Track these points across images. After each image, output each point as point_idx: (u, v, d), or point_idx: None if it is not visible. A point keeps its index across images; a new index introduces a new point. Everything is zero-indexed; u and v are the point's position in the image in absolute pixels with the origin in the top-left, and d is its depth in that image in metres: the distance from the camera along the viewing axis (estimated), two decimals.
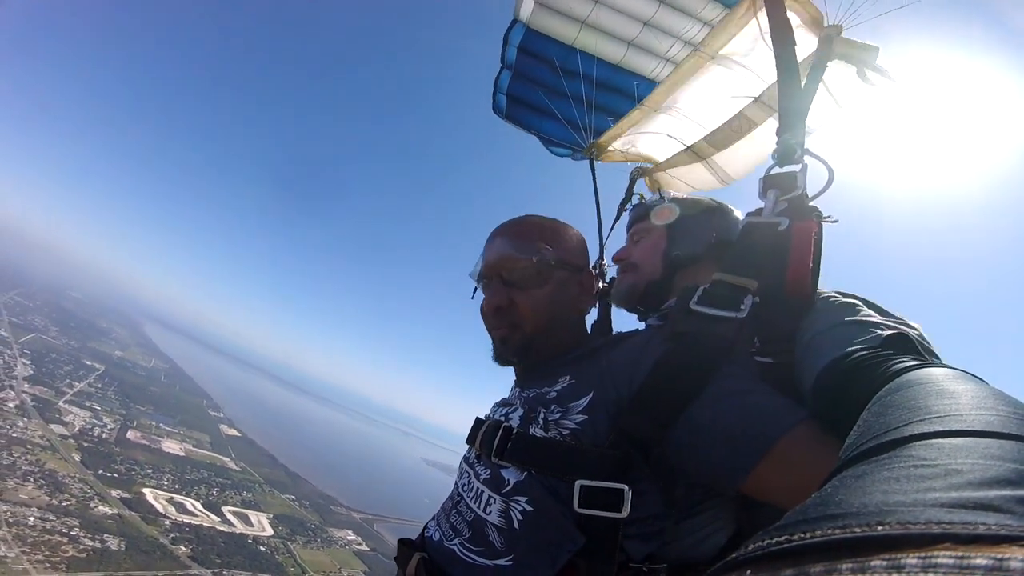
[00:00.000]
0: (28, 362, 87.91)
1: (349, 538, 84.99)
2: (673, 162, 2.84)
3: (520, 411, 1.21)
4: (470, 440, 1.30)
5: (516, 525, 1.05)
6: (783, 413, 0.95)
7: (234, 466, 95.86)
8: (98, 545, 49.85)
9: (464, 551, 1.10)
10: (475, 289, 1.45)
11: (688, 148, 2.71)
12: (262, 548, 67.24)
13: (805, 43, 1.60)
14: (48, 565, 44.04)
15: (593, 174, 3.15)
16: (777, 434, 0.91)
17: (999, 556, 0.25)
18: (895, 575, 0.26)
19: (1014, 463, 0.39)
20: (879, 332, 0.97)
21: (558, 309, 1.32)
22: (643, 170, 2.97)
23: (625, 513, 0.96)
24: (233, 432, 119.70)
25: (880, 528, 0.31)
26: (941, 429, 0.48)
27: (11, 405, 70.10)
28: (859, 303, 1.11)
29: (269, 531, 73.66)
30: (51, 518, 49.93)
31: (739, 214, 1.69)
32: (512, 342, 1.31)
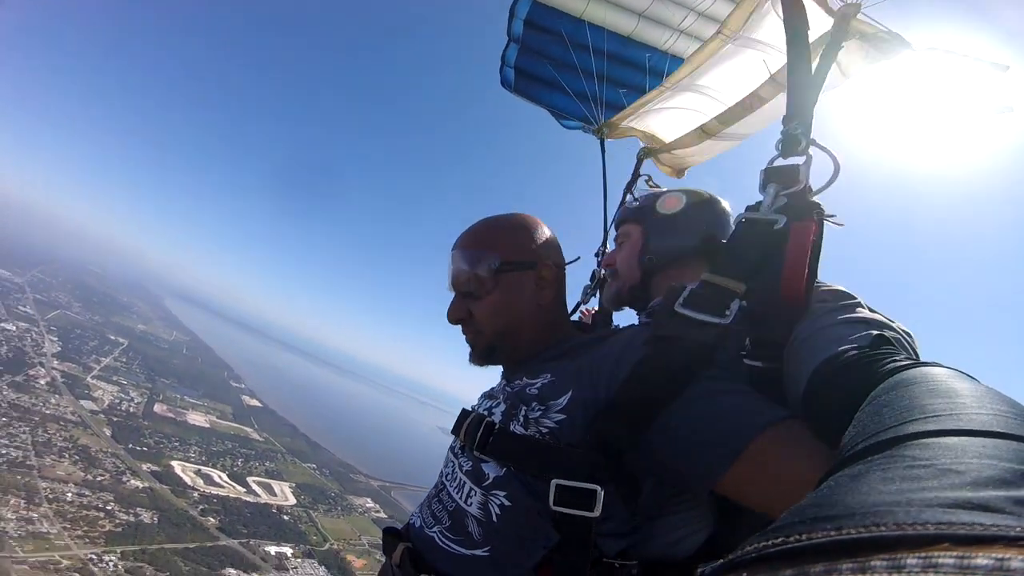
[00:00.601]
0: (55, 339, 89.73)
1: (368, 506, 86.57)
2: (682, 142, 2.78)
3: (503, 406, 1.24)
4: (455, 431, 1.32)
5: (494, 518, 1.08)
6: (759, 413, 0.94)
7: (257, 436, 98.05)
8: (132, 519, 51.86)
9: (443, 539, 1.14)
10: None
11: (698, 128, 2.64)
12: (286, 517, 68.94)
13: (821, 19, 1.53)
14: (87, 540, 46.00)
15: (603, 155, 3.08)
16: (752, 434, 0.90)
17: (999, 557, 0.25)
18: (895, 575, 0.26)
19: (1011, 463, 0.39)
20: (870, 331, 0.95)
21: (513, 310, 1.33)
22: (650, 150, 2.93)
23: (597, 512, 0.98)
24: (255, 403, 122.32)
25: (877, 529, 0.31)
26: (937, 428, 0.47)
27: (42, 382, 72.30)
28: (849, 301, 1.08)
29: (292, 500, 75.37)
30: (87, 493, 52.16)
31: (726, 205, 1.67)
32: (477, 348, 1.37)
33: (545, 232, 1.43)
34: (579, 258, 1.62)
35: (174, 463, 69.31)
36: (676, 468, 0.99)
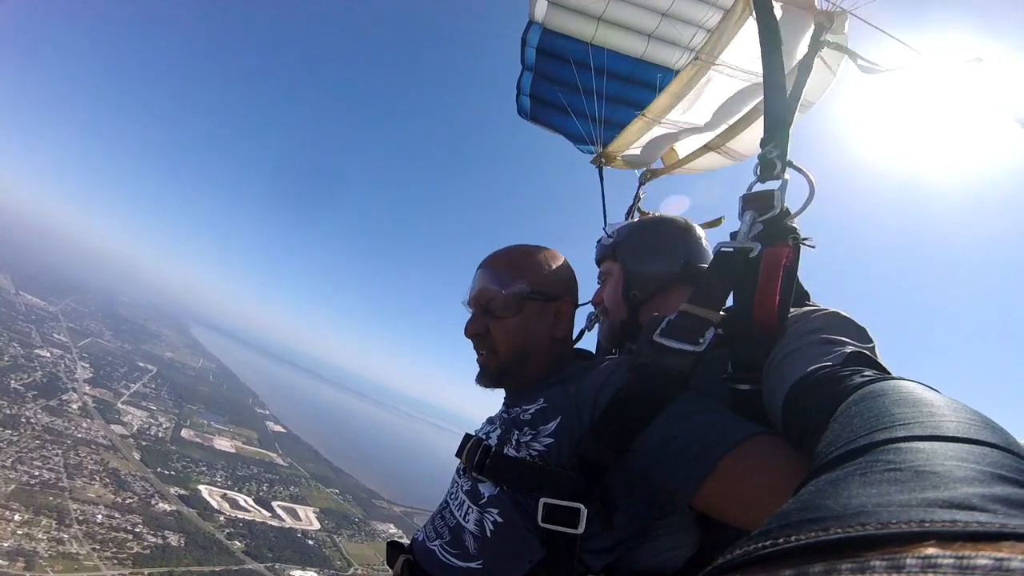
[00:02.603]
0: (87, 365, 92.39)
1: (391, 531, 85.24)
2: (683, 161, 2.81)
3: (499, 431, 1.31)
4: (458, 454, 1.39)
5: (488, 534, 1.16)
6: (732, 429, 0.98)
7: (281, 461, 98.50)
8: (160, 541, 52.11)
9: (443, 553, 1.22)
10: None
11: (703, 146, 2.66)
12: (310, 542, 69.03)
13: (803, 30, 1.57)
14: (116, 561, 46.40)
15: (601, 182, 3.09)
16: (723, 451, 0.94)
17: (999, 556, 0.26)
18: (895, 575, 0.27)
19: (980, 465, 0.41)
20: (841, 350, 0.99)
21: (530, 337, 1.39)
22: (654, 171, 2.93)
23: (581, 530, 1.06)
24: (279, 428, 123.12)
25: (863, 529, 0.32)
26: (908, 435, 0.49)
27: (75, 407, 74.10)
28: (822, 323, 1.12)
29: (316, 525, 75.41)
30: (116, 515, 52.73)
31: (701, 232, 1.69)
32: (489, 368, 1.42)
33: (570, 272, 1.52)
34: (590, 303, 1.76)
35: (201, 487, 69.95)
36: (654, 486, 1.06)
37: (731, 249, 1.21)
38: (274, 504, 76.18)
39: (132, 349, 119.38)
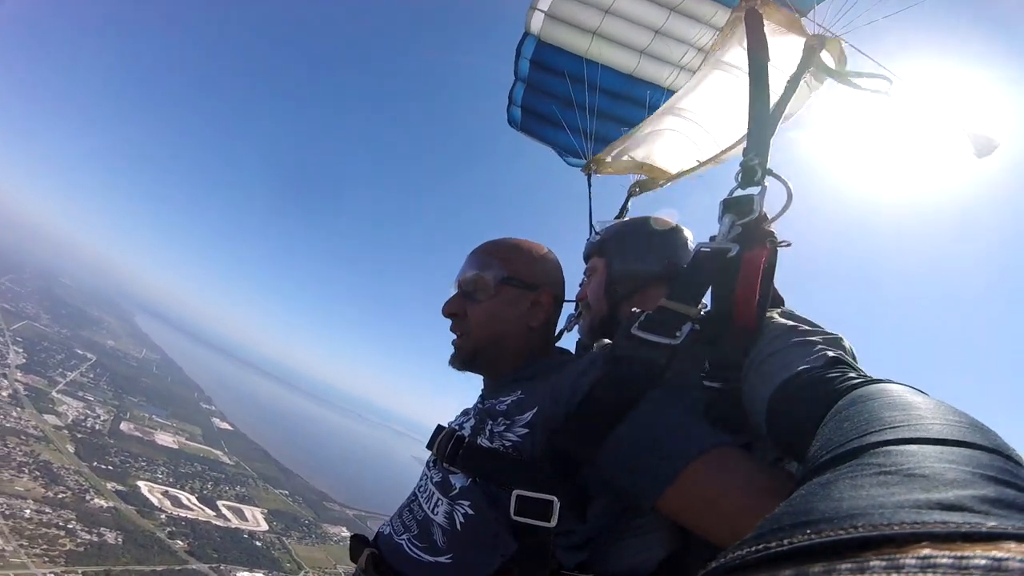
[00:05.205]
0: (20, 350, 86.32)
1: (343, 534, 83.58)
2: (673, 177, 2.83)
3: (472, 421, 1.32)
4: (430, 445, 1.38)
5: (458, 527, 1.13)
6: (697, 438, 0.99)
7: (227, 460, 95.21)
8: (95, 539, 49.45)
9: (411, 546, 1.19)
10: None
11: (696, 165, 2.66)
12: (258, 543, 67.01)
13: (792, 49, 1.63)
14: (47, 559, 43.55)
15: (589, 191, 3.13)
16: (686, 460, 0.96)
17: (998, 556, 0.26)
18: (893, 574, 0.27)
19: (968, 466, 0.42)
20: (824, 351, 1.00)
21: (505, 323, 1.40)
22: (644, 184, 2.94)
23: (553, 523, 1.03)
24: (225, 425, 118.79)
25: (856, 531, 0.32)
26: (896, 438, 0.50)
27: (4, 394, 69.15)
28: (800, 324, 1.16)
29: (264, 526, 73.28)
30: (47, 511, 49.36)
31: (689, 234, 1.70)
32: (462, 350, 1.43)
33: (555, 266, 1.52)
34: (575, 301, 1.80)
35: (141, 483, 66.81)
36: (620, 487, 1.06)
37: (709, 249, 1.25)
38: (219, 503, 73.61)
39: (70, 335, 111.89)
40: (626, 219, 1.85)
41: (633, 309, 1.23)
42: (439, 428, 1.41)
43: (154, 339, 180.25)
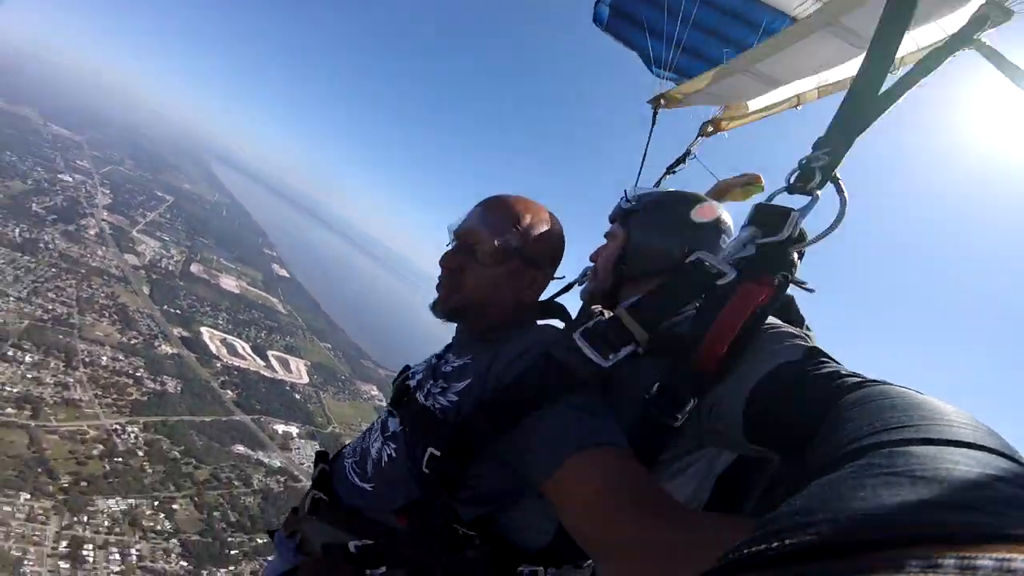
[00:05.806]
0: (107, 191, 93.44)
1: (372, 393, 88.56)
2: (754, 115, 2.54)
3: (421, 375, 1.38)
4: (394, 382, 1.51)
5: (383, 464, 1.26)
6: (590, 433, 0.98)
7: (282, 309, 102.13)
8: (158, 387, 54.26)
9: (351, 469, 1.34)
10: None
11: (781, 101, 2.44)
12: (297, 396, 71.83)
13: (949, 19, 1.31)
14: (115, 409, 47.80)
15: (651, 128, 2.88)
16: (569, 452, 0.96)
17: (1001, 557, 0.26)
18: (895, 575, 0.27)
19: (974, 467, 0.41)
20: (799, 343, 0.93)
21: (499, 292, 1.35)
22: (717, 122, 2.71)
23: (455, 483, 1.13)
24: (284, 272, 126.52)
25: (860, 532, 0.32)
26: (900, 438, 0.50)
27: (91, 232, 76.31)
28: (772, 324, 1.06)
29: (306, 379, 78.24)
30: (121, 358, 54.86)
31: (727, 227, 1.51)
32: (447, 303, 1.36)
33: (562, 246, 1.47)
34: (564, 277, 1.61)
35: (203, 329, 73.13)
36: (517, 470, 1.09)
37: (705, 264, 1.11)
38: (269, 353, 78.73)
39: (151, 178, 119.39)
40: (665, 193, 1.67)
41: (631, 296, 1.17)
42: (405, 368, 1.52)
43: (227, 184, 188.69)
